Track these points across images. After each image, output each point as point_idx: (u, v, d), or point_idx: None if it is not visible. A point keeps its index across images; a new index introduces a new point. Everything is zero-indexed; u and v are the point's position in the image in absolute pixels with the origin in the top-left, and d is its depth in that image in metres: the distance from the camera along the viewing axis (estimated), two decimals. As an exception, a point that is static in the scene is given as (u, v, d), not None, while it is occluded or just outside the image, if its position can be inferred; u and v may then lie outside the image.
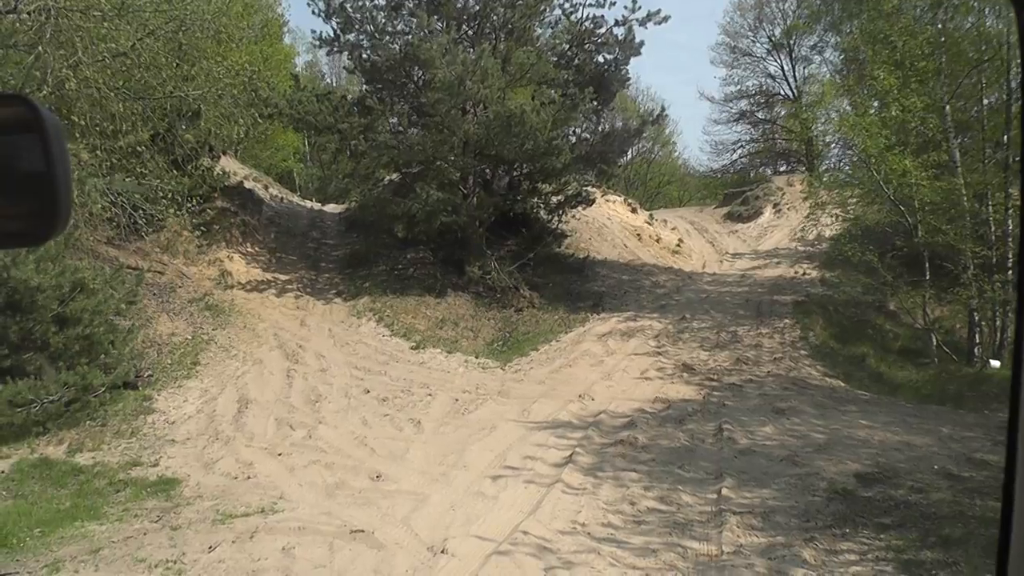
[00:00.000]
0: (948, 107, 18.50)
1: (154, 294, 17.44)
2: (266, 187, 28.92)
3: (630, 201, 30.82)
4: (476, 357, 16.98)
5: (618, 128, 23.08)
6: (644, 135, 22.29)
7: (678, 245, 27.23)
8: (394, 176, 22.59)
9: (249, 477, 9.79)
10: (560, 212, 24.03)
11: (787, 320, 18.58)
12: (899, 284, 18.88)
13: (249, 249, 22.05)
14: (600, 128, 23.56)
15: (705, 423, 11.74)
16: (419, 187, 20.40)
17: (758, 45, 47.47)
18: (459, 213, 20.60)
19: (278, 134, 40.41)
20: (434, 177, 22.03)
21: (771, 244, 27.32)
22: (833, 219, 21.37)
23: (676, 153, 52.34)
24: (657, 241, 26.98)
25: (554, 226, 24.60)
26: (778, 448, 10.57)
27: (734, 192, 36.46)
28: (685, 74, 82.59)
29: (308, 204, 29.61)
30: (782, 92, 48.49)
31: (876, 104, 18.32)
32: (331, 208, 28.56)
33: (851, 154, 41.93)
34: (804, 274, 22.88)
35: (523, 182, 24.26)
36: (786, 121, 49.28)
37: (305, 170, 38.76)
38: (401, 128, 21.84)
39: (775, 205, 31.23)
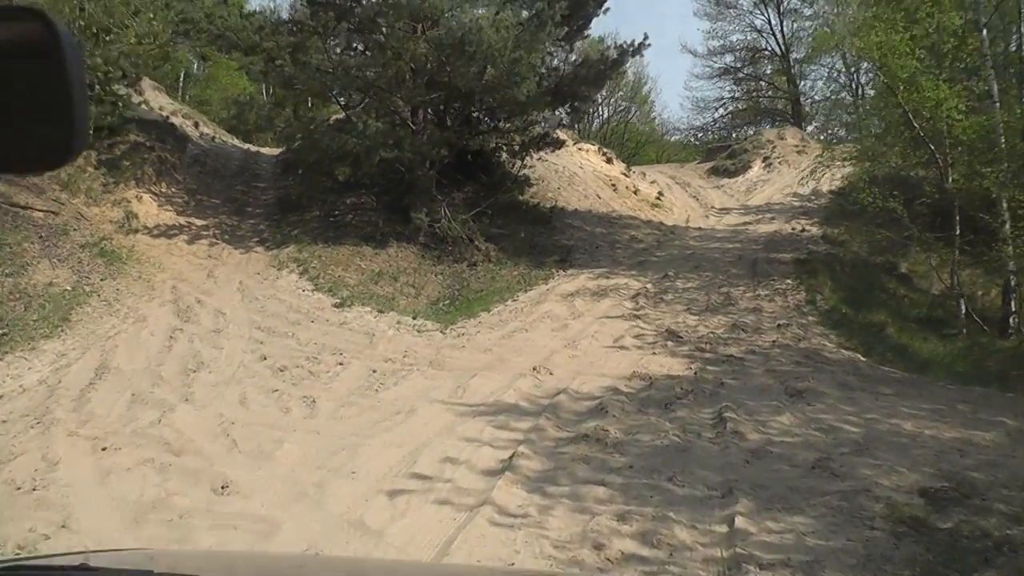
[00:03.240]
0: (985, 31, 15.45)
1: (41, 237, 14.16)
2: (196, 125, 25.50)
3: (605, 150, 27.65)
4: (413, 318, 13.89)
5: (593, 59, 19.80)
6: (624, 67, 18.86)
7: (658, 198, 24.14)
8: (340, 116, 19.42)
9: (36, 488, 6.59)
10: (524, 155, 20.91)
11: (789, 281, 15.57)
12: (927, 239, 15.96)
13: (164, 190, 18.85)
14: (572, 59, 20.31)
15: (700, 409, 8.70)
16: (357, 118, 17.14)
17: (744, -2, 44.18)
18: (402, 148, 17.35)
19: (222, 72, 36.85)
20: (378, 110, 18.80)
21: (762, 199, 24.30)
22: (842, 164, 18.31)
23: (655, 114, 49.02)
24: (635, 193, 23.85)
25: (517, 172, 21.48)
26: (803, 447, 7.56)
27: (719, 146, 33.45)
28: (667, 24, 78.58)
29: (247, 146, 26.26)
30: (768, 47, 45.33)
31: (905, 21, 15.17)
32: (269, 151, 25.26)
33: (846, 109, 39.08)
34: (803, 230, 19.88)
35: (483, 119, 21.07)
36: (774, 77, 46.24)
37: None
38: (341, 52, 18.45)
39: (765, 159, 28.20)
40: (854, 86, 43.31)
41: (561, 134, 28.12)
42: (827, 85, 44.21)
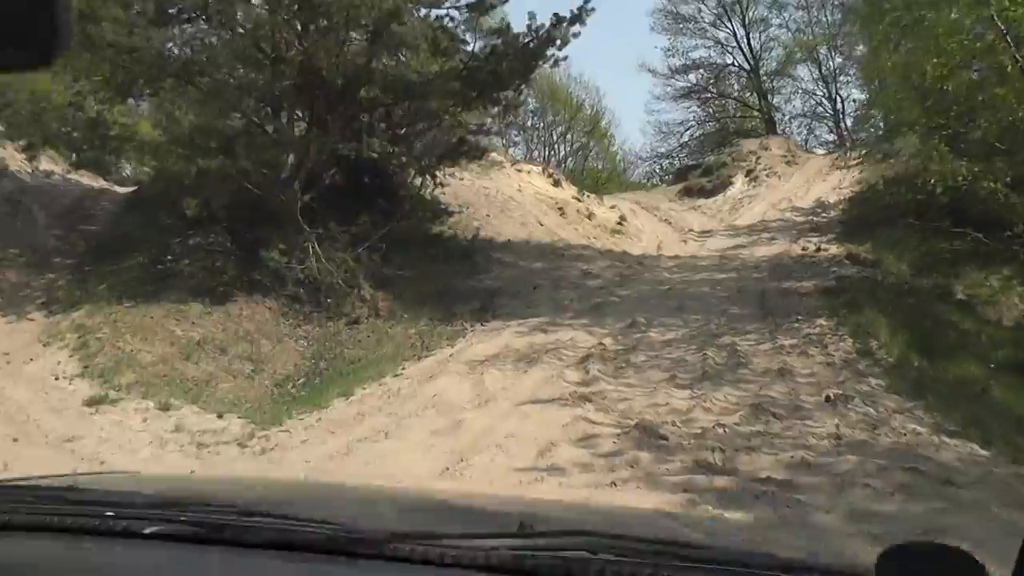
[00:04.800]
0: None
1: None
2: (33, 158, 19.70)
3: (552, 171, 22.34)
4: (218, 416, 8.43)
5: (517, 34, 14.48)
6: (557, 43, 13.40)
7: (620, 223, 18.73)
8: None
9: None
10: (434, 171, 15.57)
11: (822, 321, 10.16)
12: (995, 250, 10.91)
13: (-68, 239, 13.43)
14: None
15: None
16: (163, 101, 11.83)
17: (704, 9, 39.41)
18: (234, 155, 11.94)
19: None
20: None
21: (752, 217, 18.93)
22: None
23: (615, 147, 43.63)
24: (588, 218, 18.46)
25: (428, 194, 16.14)
26: None
27: (689, 165, 28.27)
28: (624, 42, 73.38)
29: (101, 183, 20.66)
30: (735, 62, 40.51)
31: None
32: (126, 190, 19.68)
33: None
34: (818, 250, 14.51)
35: (376, 122, 15.71)
36: (743, 94, 41.42)
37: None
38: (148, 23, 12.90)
39: (749, 172, 22.97)
40: (832, 96, 38.76)
41: (497, 155, 22.86)
42: (803, 99, 39.60)
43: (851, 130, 37.87)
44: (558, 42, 14.82)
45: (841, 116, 38.74)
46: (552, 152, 41.42)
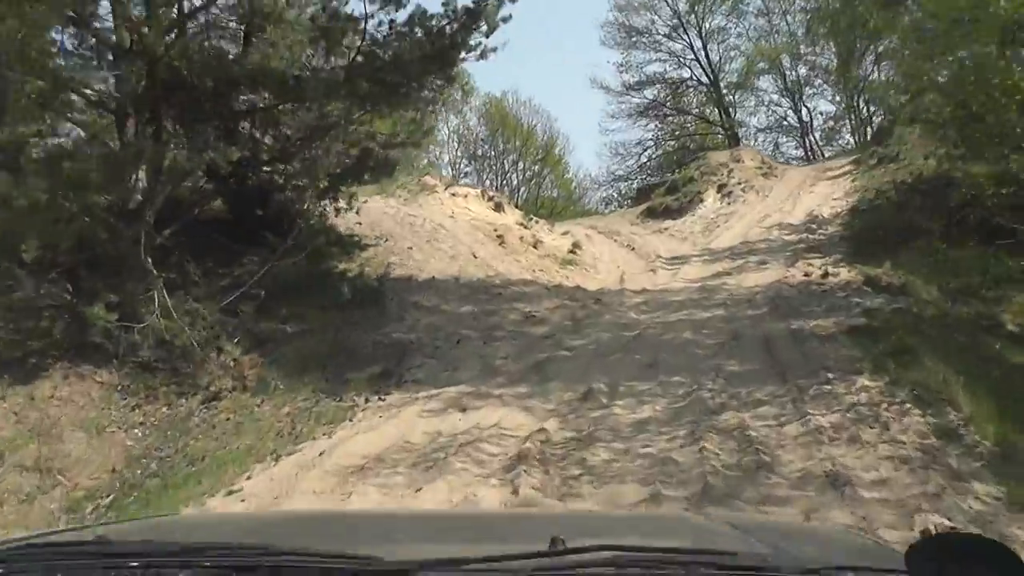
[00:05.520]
0: None
1: None
2: None
3: (492, 194, 19.10)
4: None
5: (431, 15, 11.25)
6: (481, 29, 10.03)
7: (573, 252, 15.48)
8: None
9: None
10: (334, 194, 12.45)
11: (864, 379, 6.89)
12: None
13: None
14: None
15: None
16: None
17: (658, 20, 36.75)
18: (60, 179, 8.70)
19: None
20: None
21: (732, 238, 15.69)
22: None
23: (570, 173, 40.60)
24: (534, 247, 15.18)
25: (330, 222, 12.99)
26: None
27: (650, 184, 25.25)
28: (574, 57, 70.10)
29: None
30: (693, 76, 37.83)
31: None
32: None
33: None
34: (826, 275, 11.31)
35: (257, 133, 12.53)
36: (704, 109, 38.74)
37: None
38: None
39: (721, 187, 19.86)
40: (798, 108, 36.17)
41: (431, 178, 19.60)
42: (768, 112, 36.99)
43: (820, 144, 35.79)
44: (484, 27, 11.71)
45: (809, 129, 36.21)
46: (505, 181, 38.65)
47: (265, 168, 13.12)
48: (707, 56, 36.76)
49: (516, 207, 20.56)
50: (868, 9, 29.42)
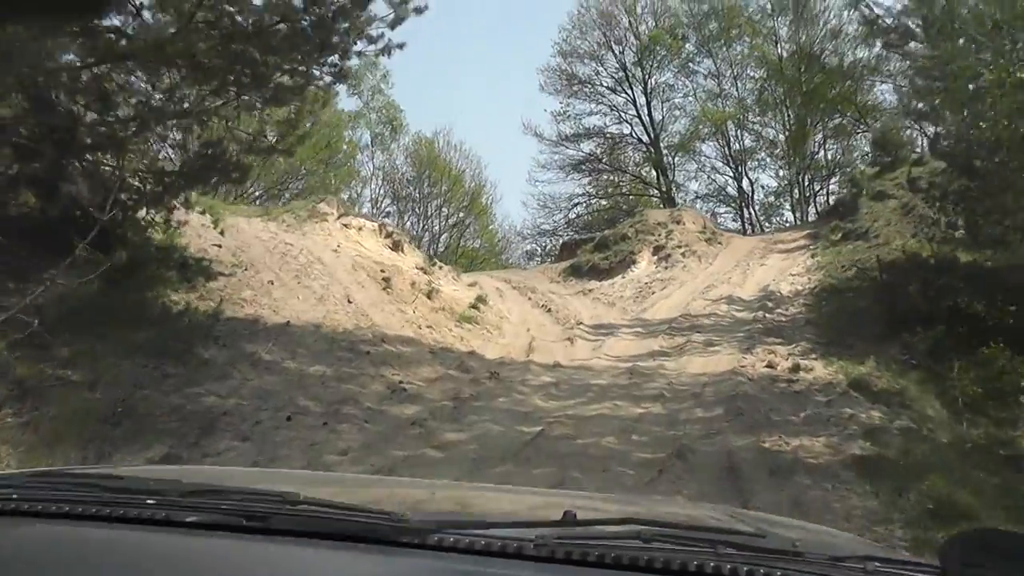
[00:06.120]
0: None
1: None
2: None
3: (391, 230, 16.11)
4: None
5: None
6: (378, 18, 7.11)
7: (474, 307, 12.54)
8: None
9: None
10: (169, 202, 9.36)
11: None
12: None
13: None
14: None
15: None
16: None
17: (603, 72, 34.54)
18: None
19: None
20: None
21: (670, 309, 12.87)
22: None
23: (494, 224, 37.94)
24: (428, 296, 12.16)
25: (165, 239, 9.94)
26: None
27: (577, 240, 22.50)
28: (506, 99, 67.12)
29: None
30: (634, 133, 35.57)
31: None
32: None
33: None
34: (796, 369, 8.53)
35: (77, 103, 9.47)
36: (640, 169, 36.54)
37: None
38: None
39: (658, 249, 17.17)
40: (739, 178, 34.16)
41: (327, 204, 16.54)
42: (708, 180, 34.93)
43: (759, 217, 33.85)
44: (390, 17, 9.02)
45: (749, 201, 34.21)
46: (426, 226, 35.91)
47: (87, 157, 10.01)
48: (650, 114, 34.47)
49: (429, 253, 17.67)
50: (831, 77, 28.43)
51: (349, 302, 10.83)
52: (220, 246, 12.07)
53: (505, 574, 1.09)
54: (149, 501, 1.25)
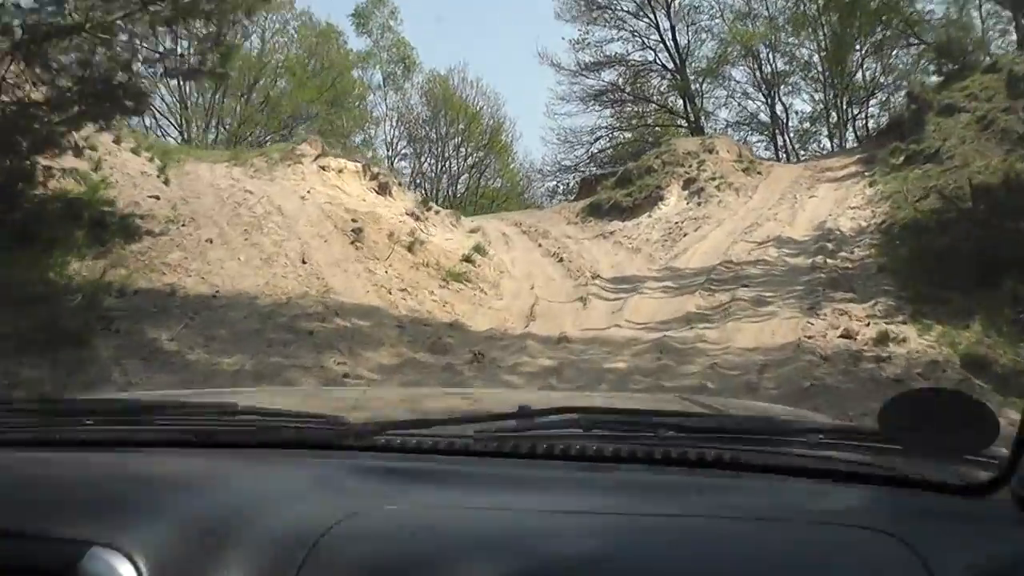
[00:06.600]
0: None
1: None
2: None
3: (377, 171, 13.91)
4: None
5: None
6: None
7: (467, 260, 10.31)
8: None
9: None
10: (66, 135, 7.14)
11: None
12: None
13: None
14: None
15: None
16: None
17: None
18: None
19: None
20: None
21: (706, 254, 10.46)
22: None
23: (515, 163, 35.91)
24: (409, 249, 9.93)
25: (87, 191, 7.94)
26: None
27: (596, 175, 20.19)
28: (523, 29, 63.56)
29: None
30: (658, 60, 32.92)
31: None
32: None
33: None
34: (884, 340, 6.18)
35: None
36: (666, 98, 33.98)
37: None
38: None
39: (689, 182, 14.77)
40: (772, 103, 31.50)
41: (310, 145, 14.31)
42: (738, 108, 32.40)
43: (794, 144, 31.26)
44: None
45: (784, 128, 31.60)
46: (444, 168, 34.02)
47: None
48: (675, 38, 31.82)
49: (426, 195, 15.41)
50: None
51: (303, 262, 8.66)
52: (158, 197, 9.99)
53: (447, 470, 1.05)
54: (87, 422, 1.23)
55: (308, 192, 11.64)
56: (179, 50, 8.58)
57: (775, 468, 1.04)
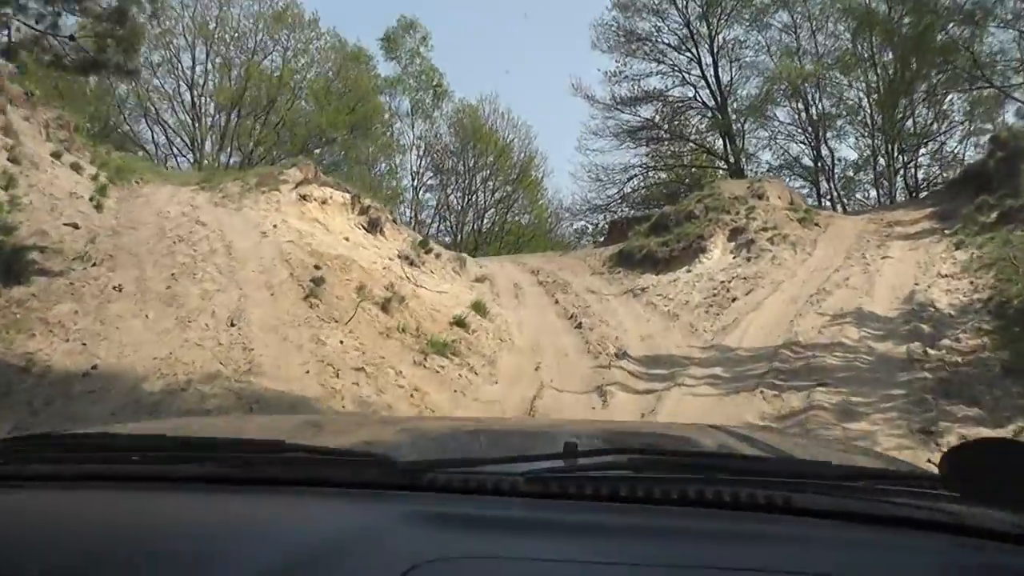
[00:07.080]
0: None
1: None
2: None
3: (370, 204, 11.84)
4: None
5: None
6: None
7: (460, 323, 8.09)
8: None
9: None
10: None
11: None
12: None
13: None
14: None
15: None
16: None
17: (664, 28, 30.04)
18: None
19: None
20: None
21: (766, 328, 8.21)
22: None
23: (543, 198, 34.23)
24: (383, 309, 7.74)
25: None
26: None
27: (628, 218, 18.06)
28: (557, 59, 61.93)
29: None
30: (698, 97, 30.95)
31: None
32: None
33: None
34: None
35: None
36: (704, 137, 31.90)
37: None
38: None
39: (735, 232, 12.55)
40: (817, 146, 29.24)
41: (300, 170, 12.29)
42: (780, 151, 30.31)
43: (839, 191, 28.91)
44: None
45: (830, 173, 29.34)
46: (471, 201, 32.37)
47: None
48: (716, 75, 29.91)
49: (402, 229, 13.26)
50: (938, 19, 23.15)
51: (231, 324, 6.48)
52: (77, 226, 7.96)
53: (497, 516, 1.02)
54: (134, 458, 1.21)
55: (274, 227, 9.55)
56: (64, 29, 6.44)
57: (835, 514, 1.01)
